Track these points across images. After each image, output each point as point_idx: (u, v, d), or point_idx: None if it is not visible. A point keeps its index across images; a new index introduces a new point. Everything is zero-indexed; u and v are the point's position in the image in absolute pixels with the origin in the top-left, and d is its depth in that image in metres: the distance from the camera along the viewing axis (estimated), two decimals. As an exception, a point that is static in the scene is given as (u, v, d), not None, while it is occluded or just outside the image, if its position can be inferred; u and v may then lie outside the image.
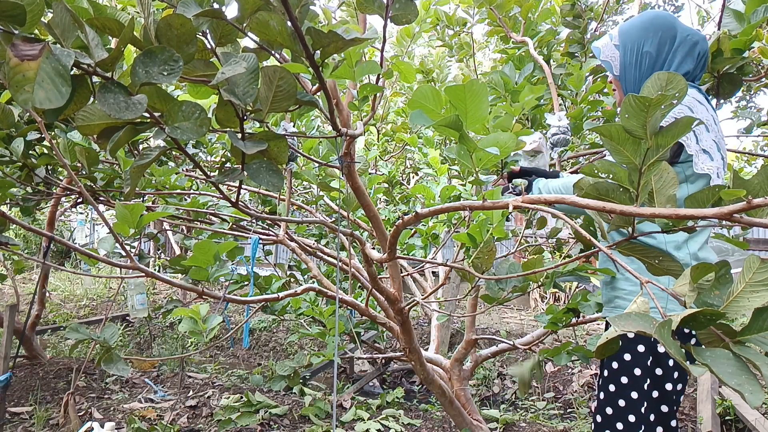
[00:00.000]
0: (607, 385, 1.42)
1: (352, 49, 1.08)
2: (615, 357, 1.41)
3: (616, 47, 1.48)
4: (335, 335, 2.21)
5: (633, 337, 1.38)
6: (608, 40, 1.50)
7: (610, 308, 1.47)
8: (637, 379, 1.37)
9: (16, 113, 1.71)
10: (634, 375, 1.37)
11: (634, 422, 1.37)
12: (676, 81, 0.69)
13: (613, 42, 1.48)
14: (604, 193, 0.81)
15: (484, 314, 6.09)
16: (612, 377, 1.41)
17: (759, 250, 4.21)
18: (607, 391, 1.42)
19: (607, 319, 1.53)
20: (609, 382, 1.42)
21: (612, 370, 1.41)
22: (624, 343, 1.40)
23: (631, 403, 1.37)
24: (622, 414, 1.38)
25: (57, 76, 0.59)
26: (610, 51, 1.48)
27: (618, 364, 1.40)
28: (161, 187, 2.17)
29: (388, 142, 4.64)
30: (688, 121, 0.70)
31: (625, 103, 0.71)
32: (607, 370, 1.43)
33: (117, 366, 1.33)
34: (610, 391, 1.41)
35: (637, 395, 1.37)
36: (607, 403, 1.41)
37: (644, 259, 0.87)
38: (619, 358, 1.40)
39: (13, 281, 3.68)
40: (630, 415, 1.37)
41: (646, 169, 0.75)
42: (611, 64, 1.49)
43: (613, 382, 1.41)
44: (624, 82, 1.47)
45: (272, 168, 0.85)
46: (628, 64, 1.46)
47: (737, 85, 1.74)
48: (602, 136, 0.76)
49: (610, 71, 1.49)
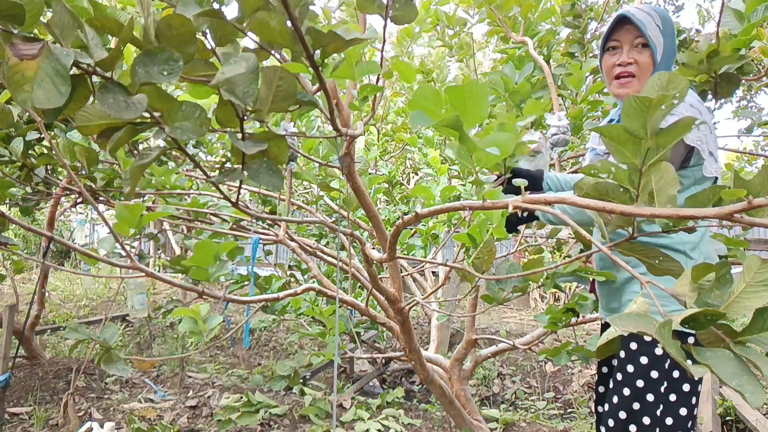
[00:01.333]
0: (622, 389, 1.37)
1: (352, 49, 1.08)
2: (631, 360, 1.37)
3: (660, 32, 1.36)
4: (335, 335, 2.21)
5: (650, 340, 1.33)
6: (651, 20, 1.36)
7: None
8: (654, 382, 1.34)
9: (15, 113, 1.71)
10: (651, 378, 1.34)
11: (648, 425, 1.33)
12: (677, 81, 0.68)
13: (657, 23, 1.36)
14: (604, 194, 0.81)
15: (484, 314, 6.09)
16: (628, 380, 1.37)
17: (759, 250, 4.21)
18: (622, 395, 1.37)
19: (608, 319, 1.52)
20: (623, 385, 1.37)
21: (627, 374, 1.37)
22: (641, 346, 1.36)
23: (647, 405, 1.34)
24: (636, 416, 1.35)
25: (56, 75, 0.59)
26: (654, 32, 1.36)
27: (634, 368, 1.36)
28: (161, 187, 2.17)
29: (388, 142, 4.64)
30: (688, 122, 0.70)
31: (626, 103, 0.70)
32: (621, 374, 1.38)
33: (117, 366, 1.33)
34: (624, 395, 1.36)
35: (653, 398, 1.34)
36: (621, 406, 1.37)
37: (644, 260, 0.87)
38: (636, 361, 1.36)
39: (13, 281, 3.68)
40: (645, 417, 1.34)
41: (646, 169, 0.75)
42: (656, 47, 1.36)
43: (628, 386, 1.36)
44: (656, 71, 1.37)
45: (272, 168, 0.85)
46: (666, 56, 1.37)
47: (736, 85, 1.74)
48: (603, 136, 0.76)
49: (654, 53, 1.36)
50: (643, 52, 1.38)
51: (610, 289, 1.48)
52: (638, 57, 1.38)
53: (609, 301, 1.50)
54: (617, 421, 1.37)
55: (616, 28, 1.41)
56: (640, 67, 1.38)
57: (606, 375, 1.61)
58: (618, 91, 1.43)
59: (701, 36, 1.76)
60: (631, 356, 1.37)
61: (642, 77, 1.39)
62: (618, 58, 1.40)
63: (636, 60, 1.38)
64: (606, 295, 1.51)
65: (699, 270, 0.66)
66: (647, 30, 1.34)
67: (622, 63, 1.40)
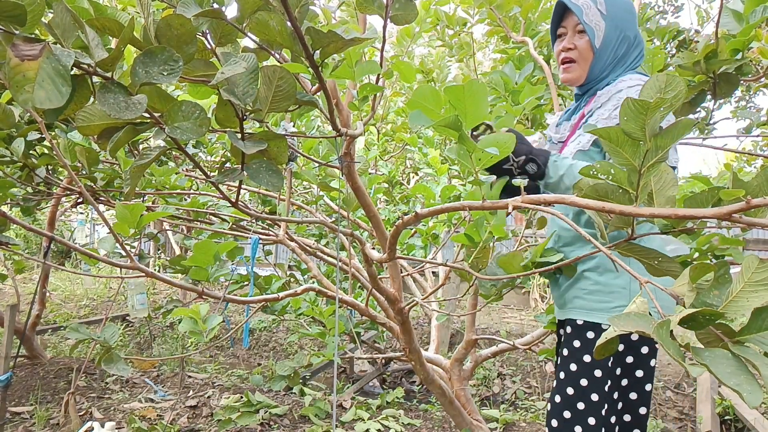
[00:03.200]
0: (568, 365, 1.37)
1: (351, 49, 1.08)
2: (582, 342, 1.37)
3: (602, 16, 1.36)
4: (335, 335, 2.21)
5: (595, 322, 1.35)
6: (591, 4, 1.36)
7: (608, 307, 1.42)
8: (602, 364, 1.33)
9: (16, 113, 1.71)
10: (603, 362, 1.33)
11: (597, 401, 1.32)
12: (674, 83, 0.69)
13: (599, 8, 1.36)
14: (603, 195, 0.81)
15: (484, 314, 6.09)
16: (573, 360, 1.37)
17: (758, 250, 4.21)
18: (568, 370, 1.36)
19: (608, 319, 1.51)
20: (570, 361, 1.37)
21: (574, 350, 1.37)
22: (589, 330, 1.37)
23: (595, 382, 1.33)
24: (584, 394, 1.33)
25: (57, 76, 0.59)
26: (594, 17, 1.36)
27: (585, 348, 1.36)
28: (161, 187, 2.17)
29: (388, 142, 4.64)
30: (687, 123, 0.70)
31: (624, 106, 0.70)
32: (567, 349, 1.38)
33: (117, 366, 1.33)
34: (571, 370, 1.36)
35: (601, 374, 1.33)
36: (568, 383, 1.36)
37: (644, 260, 0.87)
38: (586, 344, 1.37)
39: (14, 281, 3.69)
40: (593, 394, 1.32)
41: (645, 170, 0.75)
42: (594, 32, 1.36)
43: (575, 361, 1.36)
44: (598, 56, 1.38)
45: (272, 168, 0.85)
46: (608, 40, 1.37)
47: (735, 85, 1.74)
48: (601, 138, 0.76)
49: (591, 38, 1.37)
50: (583, 38, 1.39)
51: (558, 285, 1.48)
52: (578, 43, 1.40)
53: (558, 297, 1.51)
54: (564, 396, 1.37)
55: (564, 14, 1.43)
56: (580, 53, 1.40)
57: None
58: (562, 76, 1.46)
59: (700, 36, 1.77)
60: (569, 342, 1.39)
61: (582, 62, 1.40)
62: (562, 44, 1.43)
63: (576, 45, 1.40)
64: (556, 290, 1.50)
65: (697, 270, 0.66)
66: (583, 15, 1.35)
67: (563, 49, 1.42)
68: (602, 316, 1.34)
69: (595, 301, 1.36)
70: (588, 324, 1.36)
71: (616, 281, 1.35)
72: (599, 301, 1.35)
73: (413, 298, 1.98)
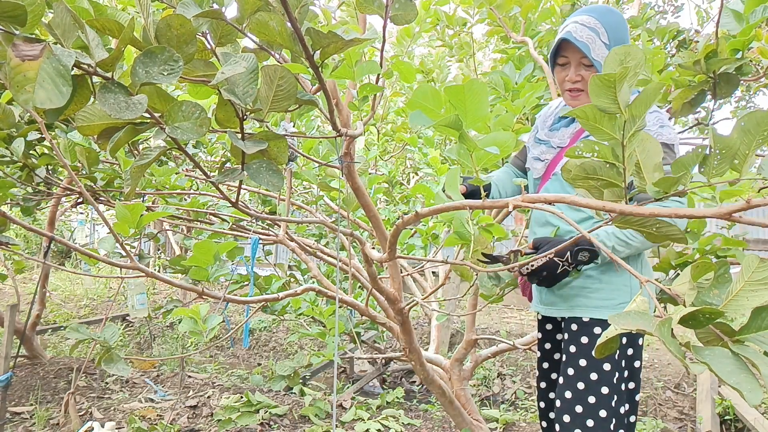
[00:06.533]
0: (577, 361, 1.44)
1: (351, 50, 1.08)
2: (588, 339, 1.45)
3: (606, 47, 1.39)
4: (335, 335, 2.21)
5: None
6: (596, 38, 1.40)
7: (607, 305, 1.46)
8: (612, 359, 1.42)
9: (16, 113, 1.71)
10: (613, 357, 1.41)
11: (607, 393, 1.39)
12: (633, 53, 0.71)
13: (602, 39, 1.40)
14: (591, 172, 0.81)
15: (484, 314, 6.09)
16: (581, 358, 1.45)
17: (758, 250, 4.21)
18: (577, 366, 1.44)
19: (608, 318, 1.52)
20: (579, 357, 1.44)
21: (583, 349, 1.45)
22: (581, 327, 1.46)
23: (604, 375, 1.40)
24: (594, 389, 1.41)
25: (58, 76, 0.59)
26: (600, 50, 1.40)
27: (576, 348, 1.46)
28: (161, 187, 2.17)
29: (388, 142, 4.64)
30: (657, 86, 0.72)
31: (591, 84, 0.72)
32: (575, 346, 1.46)
33: (117, 366, 1.33)
34: (580, 366, 1.43)
35: (609, 367, 1.41)
36: (578, 378, 1.43)
37: (642, 230, 0.86)
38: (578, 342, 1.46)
39: (14, 281, 3.68)
40: (603, 387, 1.40)
41: (627, 141, 0.76)
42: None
43: (585, 357, 1.44)
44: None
45: (272, 168, 0.85)
46: None
47: (735, 85, 1.74)
48: (578, 118, 0.77)
49: (598, 69, 1.40)
50: (590, 69, 1.43)
51: None
52: (585, 74, 1.44)
53: (540, 292, 1.57)
54: (575, 392, 1.44)
55: (563, 44, 1.45)
56: (587, 83, 1.43)
57: (547, 370, 1.67)
58: (570, 103, 1.51)
59: (700, 36, 1.77)
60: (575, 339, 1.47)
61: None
62: (567, 74, 1.46)
63: (583, 77, 1.44)
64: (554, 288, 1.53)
65: (698, 269, 0.66)
66: (590, 52, 1.38)
67: (570, 80, 1.46)
68: (608, 312, 1.40)
69: (600, 298, 1.43)
70: (594, 321, 1.44)
71: (619, 278, 1.42)
72: (604, 299, 1.43)
73: (413, 298, 1.98)
